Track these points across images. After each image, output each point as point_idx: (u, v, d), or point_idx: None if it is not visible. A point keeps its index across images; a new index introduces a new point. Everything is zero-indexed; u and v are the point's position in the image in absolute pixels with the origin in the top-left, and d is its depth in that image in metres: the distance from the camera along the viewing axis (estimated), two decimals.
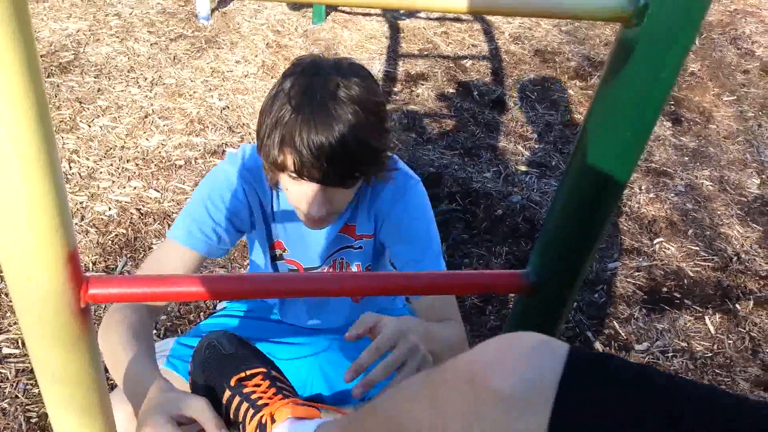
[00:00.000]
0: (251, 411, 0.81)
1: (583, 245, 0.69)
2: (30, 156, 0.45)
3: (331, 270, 1.23)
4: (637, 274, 2.00)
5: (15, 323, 1.56)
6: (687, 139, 2.96)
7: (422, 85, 3.18)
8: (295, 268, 1.21)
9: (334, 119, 0.90)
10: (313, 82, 0.93)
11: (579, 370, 0.44)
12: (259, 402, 0.82)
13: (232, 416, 0.85)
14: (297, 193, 0.98)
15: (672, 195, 2.49)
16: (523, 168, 2.60)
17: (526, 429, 0.43)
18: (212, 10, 3.44)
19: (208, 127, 2.54)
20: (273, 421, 0.77)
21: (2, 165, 0.45)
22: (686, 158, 2.80)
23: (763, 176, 2.71)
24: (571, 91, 3.33)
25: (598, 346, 1.69)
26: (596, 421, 0.41)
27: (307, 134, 0.90)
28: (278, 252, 1.20)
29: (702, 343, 1.74)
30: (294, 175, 0.94)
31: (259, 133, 0.99)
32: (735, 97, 3.39)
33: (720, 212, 2.42)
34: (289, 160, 0.93)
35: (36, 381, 1.41)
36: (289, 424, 0.76)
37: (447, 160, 2.56)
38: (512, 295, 1.89)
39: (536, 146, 2.77)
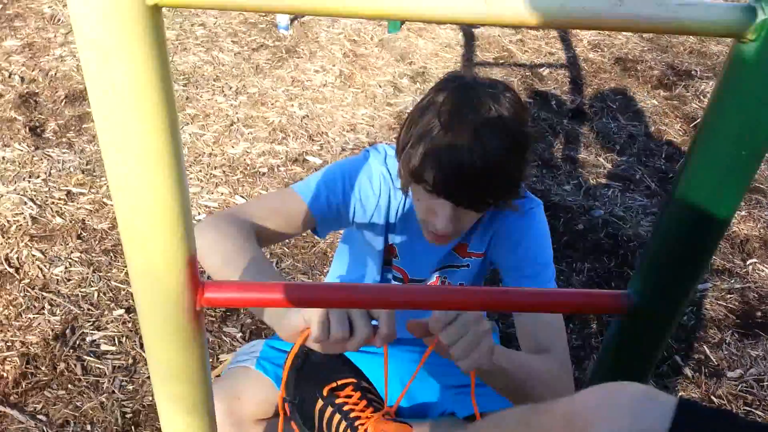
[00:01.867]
0: (344, 423, 0.83)
1: (691, 268, 0.66)
2: (161, 165, 0.48)
3: (434, 284, 1.23)
4: (729, 296, 1.91)
5: (113, 321, 1.65)
6: None
7: None
8: (401, 276, 1.22)
9: (480, 144, 0.89)
10: (464, 102, 0.92)
11: (688, 428, 0.41)
12: (352, 414, 0.84)
13: (324, 425, 0.86)
14: (427, 206, 0.98)
15: (766, 213, 2.36)
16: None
17: None
18: (291, 20, 3.53)
19: (289, 135, 2.61)
20: None
21: (136, 174, 0.48)
22: None
23: None
24: (654, 101, 3.22)
25: (687, 371, 1.62)
26: None
27: (451, 154, 0.89)
28: (390, 257, 1.20)
29: None
30: (430, 189, 0.94)
31: (401, 138, 1.00)
32: None
33: None
34: (429, 175, 0.93)
35: (131, 378, 1.49)
36: None
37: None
38: (592, 315, 1.83)
39: (619, 159, 2.70)
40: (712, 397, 1.54)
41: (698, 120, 3.06)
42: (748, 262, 2.08)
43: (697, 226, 0.63)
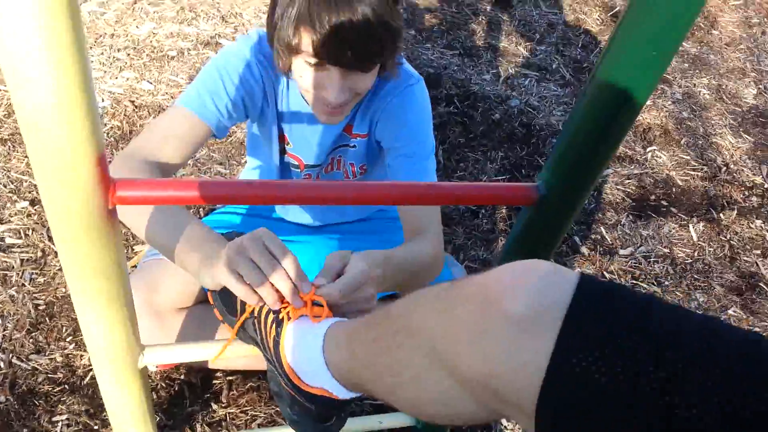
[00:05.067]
0: (266, 308, 0.85)
1: (597, 161, 0.70)
2: (64, 62, 0.45)
3: (329, 168, 1.24)
4: (627, 181, 2.04)
5: (16, 214, 1.58)
6: (689, 45, 2.90)
7: None
8: (297, 163, 1.21)
9: None
10: None
11: (587, 299, 0.46)
12: None
13: (247, 311, 0.88)
14: (314, 79, 0.95)
15: (669, 103, 2.48)
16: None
17: (530, 350, 0.45)
18: None
19: (200, 15, 2.44)
20: (288, 318, 0.81)
21: (37, 70, 0.45)
22: (686, 65, 2.76)
23: (761, 86, 2.69)
24: None
25: (584, 250, 1.75)
26: (598, 349, 0.43)
27: (327, 12, 0.85)
28: (284, 145, 1.19)
29: (684, 249, 1.81)
30: (312, 59, 0.91)
31: (271, 14, 0.95)
32: (741, 1, 3.29)
33: (714, 121, 2.43)
34: (306, 41, 0.89)
35: (41, 271, 1.46)
36: (304, 322, 0.79)
37: (446, 60, 2.51)
38: None
39: (537, 48, 2.71)
40: (605, 273, 1.69)
41: (617, 9, 3.09)
42: (648, 150, 2.21)
43: (606, 120, 0.66)
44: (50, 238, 1.52)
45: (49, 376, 1.25)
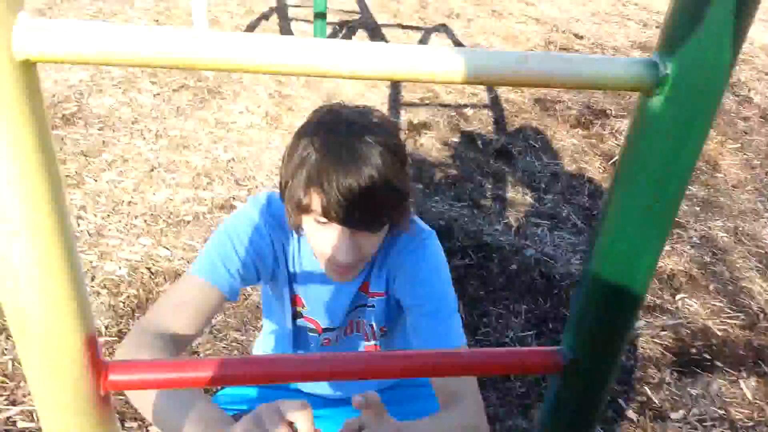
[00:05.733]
0: None
1: (620, 320, 0.65)
2: (45, 236, 0.42)
3: (349, 330, 1.19)
4: (663, 333, 1.94)
5: (29, 394, 1.47)
6: (695, 189, 2.95)
7: (425, 134, 3.16)
8: (314, 327, 1.16)
9: (362, 161, 0.88)
10: (336, 125, 0.92)
11: None
12: None
13: None
14: (323, 238, 0.95)
15: (688, 247, 2.46)
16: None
17: None
18: None
19: (215, 180, 2.49)
20: None
21: (15, 244, 0.41)
22: (697, 208, 2.78)
23: None
24: (574, 140, 3.33)
25: (631, 414, 1.62)
26: None
27: (335, 175, 0.87)
28: (298, 309, 1.15)
29: (740, 410, 1.67)
30: (321, 219, 0.91)
31: (283, 175, 0.96)
32: (739, 145, 3.41)
33: (739, 265, 2.38)
34: (316, 201, 0.90)
35: None
36: None
37: (456, 212, 2.52)
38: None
39: (545, 197, 2.75)
40: None
41: (616, 157, 3.19)
42: (677, 297, 2.14)
43: (619, 278, 0.61)
44: None
45: None
